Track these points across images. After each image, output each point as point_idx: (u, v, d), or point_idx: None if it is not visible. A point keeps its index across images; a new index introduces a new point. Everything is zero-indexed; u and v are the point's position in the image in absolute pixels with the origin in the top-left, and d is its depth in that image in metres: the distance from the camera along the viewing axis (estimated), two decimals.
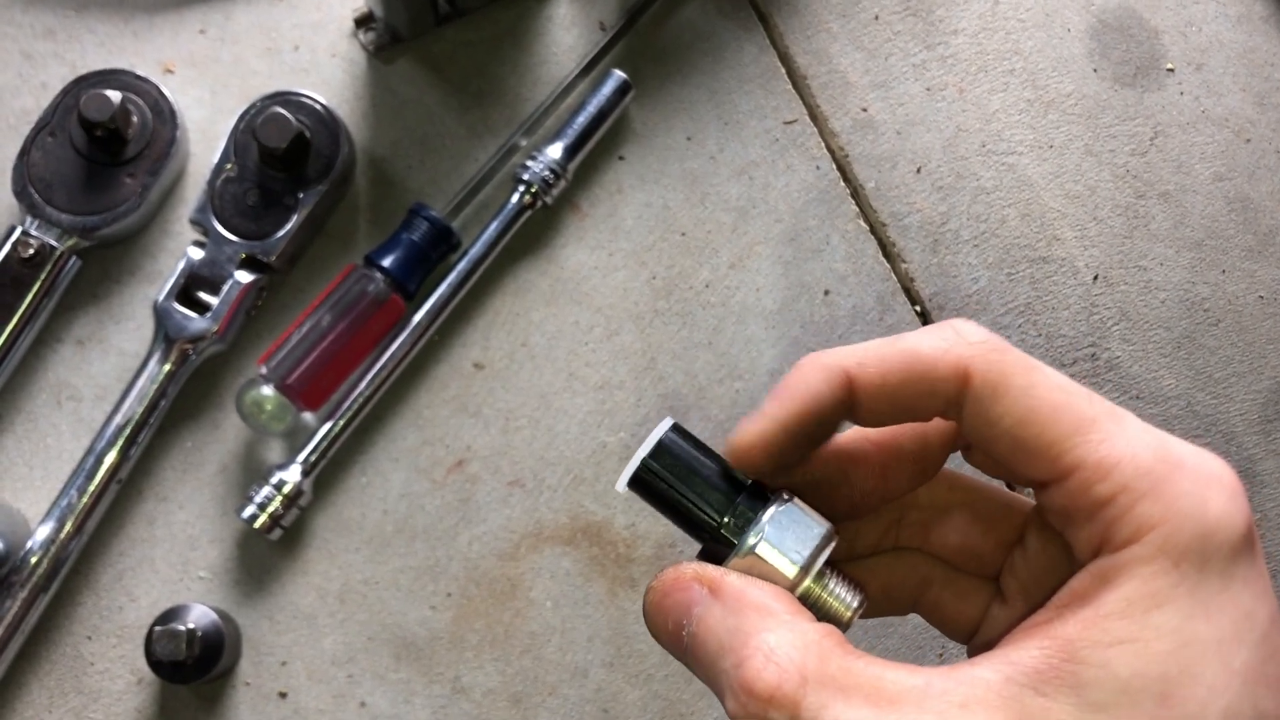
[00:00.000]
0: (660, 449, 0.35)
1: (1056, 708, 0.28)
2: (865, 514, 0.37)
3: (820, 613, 0.34)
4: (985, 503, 0.38)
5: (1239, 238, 0.65)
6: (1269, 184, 0.66)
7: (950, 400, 0.33)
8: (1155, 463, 0.30)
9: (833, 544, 0.34)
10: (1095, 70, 0.67)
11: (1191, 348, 0.64)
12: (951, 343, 0.32)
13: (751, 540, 0.33)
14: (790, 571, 0.33)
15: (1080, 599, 0.30)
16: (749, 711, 0.29)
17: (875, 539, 0.38)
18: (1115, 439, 0.31)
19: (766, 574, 0.33)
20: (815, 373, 0.33)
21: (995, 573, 0.37)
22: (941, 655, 0.59)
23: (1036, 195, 0.65)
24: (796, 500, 0.34)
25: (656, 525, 0.60)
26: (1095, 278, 0.64)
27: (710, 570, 0.33)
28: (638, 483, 0.35)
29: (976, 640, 0.37)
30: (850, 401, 0.33)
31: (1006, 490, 0.38)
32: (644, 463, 0.35)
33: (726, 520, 0.34)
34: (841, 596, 0.34)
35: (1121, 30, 0.68)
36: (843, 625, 0.34)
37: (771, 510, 0.34)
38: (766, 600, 0.31)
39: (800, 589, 0.33)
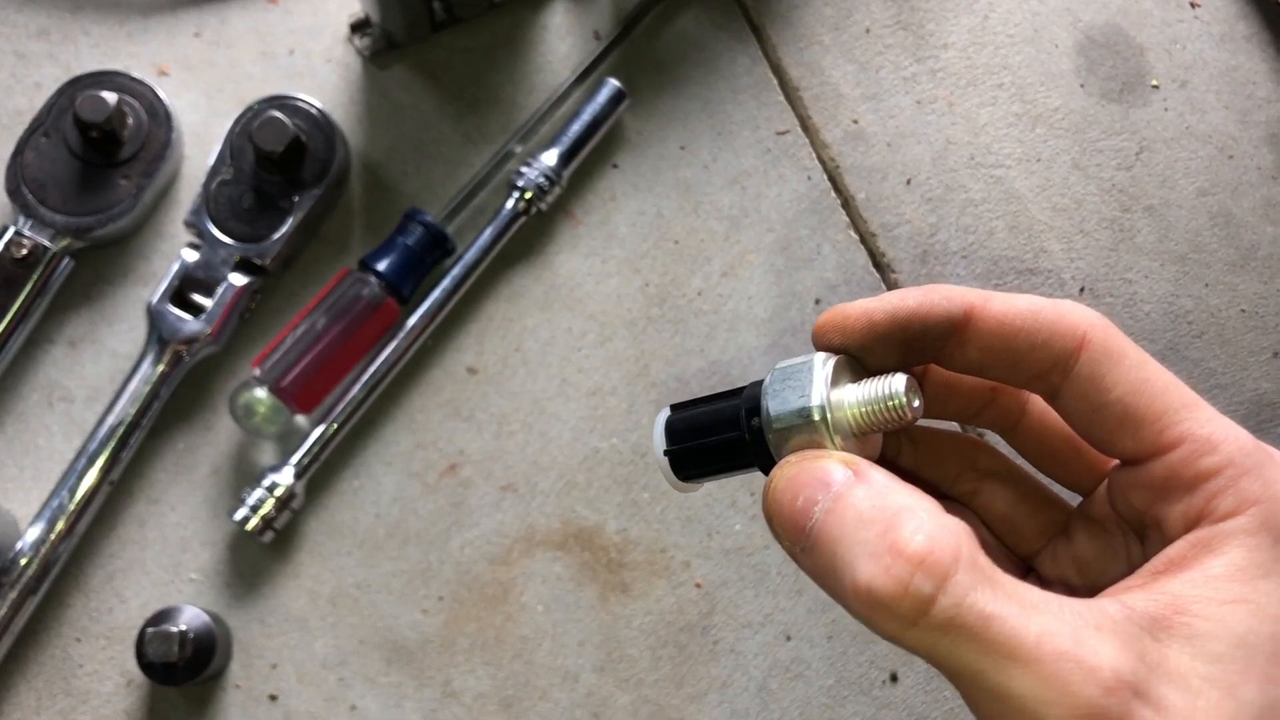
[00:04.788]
0: (671, 433, 0.35)
1: (1174, 654, 0.29)
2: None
3: (877, 423, 0.32)
4: (1033, 489, 0.39)
5: (1222, 252, 0.66)
6: (1251, 199, 0.67)
7: (1060, 359, 0.33)
8: (1254, 447, 0.32)
9: (830, 363, 0.33)
10: (1082, 86, 0.68)
11: (1175, 359, 0.65)
12: (1070, 309, 0.34)
13: (767, 428, 0.33)
14: (810, 414, 0.32)
15: (1180, 564, 0.31)
16: (892, 574, 0.28)
17: (933, 477, 0.39)
18: (1217, 420, 0.32)
19: (799, 438, 0.32)
20: (938, 291, 0.34)
21: (1028, 555, 0.38)
22: None
23: (1024, 208, 0.66)
24: (776, 366, 0.34)
25: (648, 531, 0.61)
26: (1081, 289, 0.65)
27: (855, 458, 0.32)
28: (680, 471, 0.36)
29: None
30: (962, 332, 0.34)
31: (1049, 488, 0.39)
32: (666, 453, 0.35)
33: (745, 434, 0.34)
34: (882, 394, 0.32)
35: (1108, 47, 0.69)
36: (905, 420, 0.32)
37: (764, 389, 0.33)
38: (913, 492, 0.31)
39: (831, 421, 0.32)
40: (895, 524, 0.29)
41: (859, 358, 0.35)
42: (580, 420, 0.62)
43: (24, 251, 0.59)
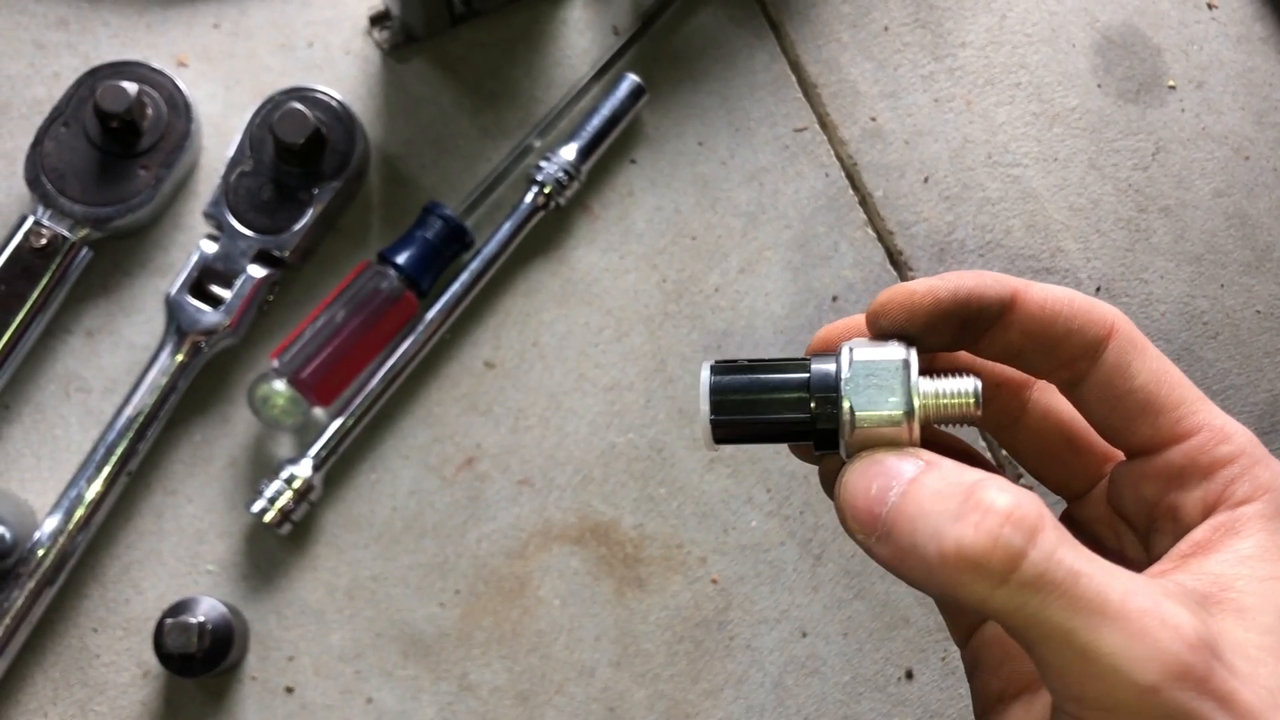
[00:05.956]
0: (716, 400, 0.34)
1: (1229, 628, 0.30)
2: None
3: (945, 418, 0.33)
4: None
5: (1237, 253, 0.67)
6: (1267, 201, 0.67)
7: (1091, 345, 0.35)
8: (1258, 440, 0.34)
9: (914, 359, 0.33)
10: (1099, 86, 0.68)
11: (1190, 360, 0.65)
12: (1098, 301, 0.35)
13: (847, 418, 0.33)
14: (899, 418, 0.32)
15: (1207, 547, 0.32)
16: (982, 529, 0.28)
17: None
18: (1224, 414, 0.34)
19: (881, 435, 0.33)
20: (986, 274, 0.35)
21: None
22: (944, 658, 0.60)
23: (1041, 207, 0.66)
24: (855, 348, 0.34)
25: (664, 526, 0.61)
26: (1098, 289, 0.65)
27: (922, 450, 0.32)
28: (720, 437, 0.35)
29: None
30: (1008, 314, 0.35)
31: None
32: (712, 421, 0.34)
33: (811, 414, 0.33)
34: (956, 392, 0.33)
35: (1125, 47, 0.69)
36: (972, 417, 0.33)
37: (844, 374, 0.33)
38: (983, 472, 0.31)
39: (917, 419, 0.32)
40: (977, 489, 0.29)
41: (916, 339, 0.35)
42: (597, 415, 0.62)
43: (43, 241, 0.59)
